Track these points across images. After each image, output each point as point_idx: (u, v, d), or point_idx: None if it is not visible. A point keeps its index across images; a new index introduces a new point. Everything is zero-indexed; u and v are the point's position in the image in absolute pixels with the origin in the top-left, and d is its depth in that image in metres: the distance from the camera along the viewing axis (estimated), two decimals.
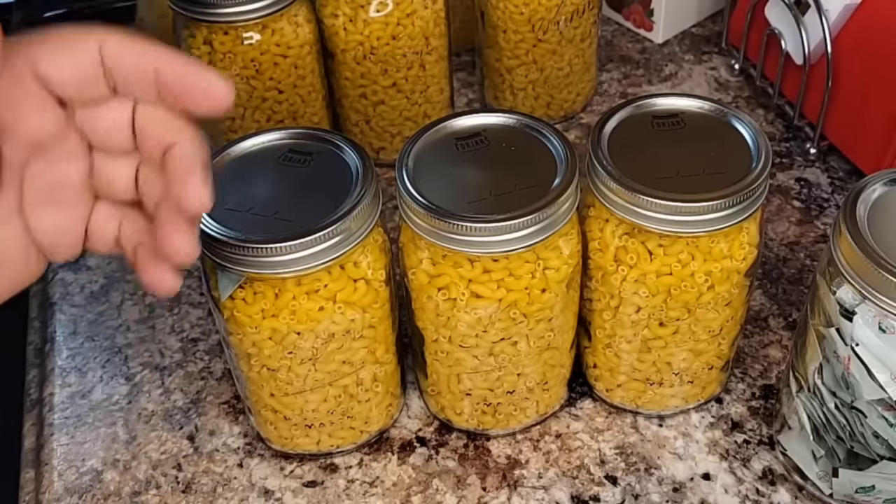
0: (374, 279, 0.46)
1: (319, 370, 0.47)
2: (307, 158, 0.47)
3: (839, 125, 0.67)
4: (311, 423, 0.50)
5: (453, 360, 0.49)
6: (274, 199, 0.45)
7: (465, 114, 0.48)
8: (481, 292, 0.45)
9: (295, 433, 0.50)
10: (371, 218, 0.44)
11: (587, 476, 0.51)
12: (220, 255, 0.43)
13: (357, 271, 0.45)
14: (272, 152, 0.47)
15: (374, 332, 0.47)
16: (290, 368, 0.47)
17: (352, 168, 0.45)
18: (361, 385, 0.49)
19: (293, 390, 0.48)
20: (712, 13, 0.84)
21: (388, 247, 0.47)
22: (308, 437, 0.51)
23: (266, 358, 0.46)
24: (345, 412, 0.50)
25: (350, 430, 0.51)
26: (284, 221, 0.43)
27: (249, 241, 0.42)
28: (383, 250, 0.47)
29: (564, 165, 0.45)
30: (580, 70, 0.72)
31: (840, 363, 0.43)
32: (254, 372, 0.47)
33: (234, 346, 0.47)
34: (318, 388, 0.48)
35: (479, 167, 0.46)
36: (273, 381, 0.47)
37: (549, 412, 0.53)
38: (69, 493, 0.51)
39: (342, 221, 0.43)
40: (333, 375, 0.48)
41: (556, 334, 0.48)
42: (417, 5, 0.63)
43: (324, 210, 0.43)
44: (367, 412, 0.51)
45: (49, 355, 0.59)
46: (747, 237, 0.46)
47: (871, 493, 0.46)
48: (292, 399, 0.48)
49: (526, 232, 0.43)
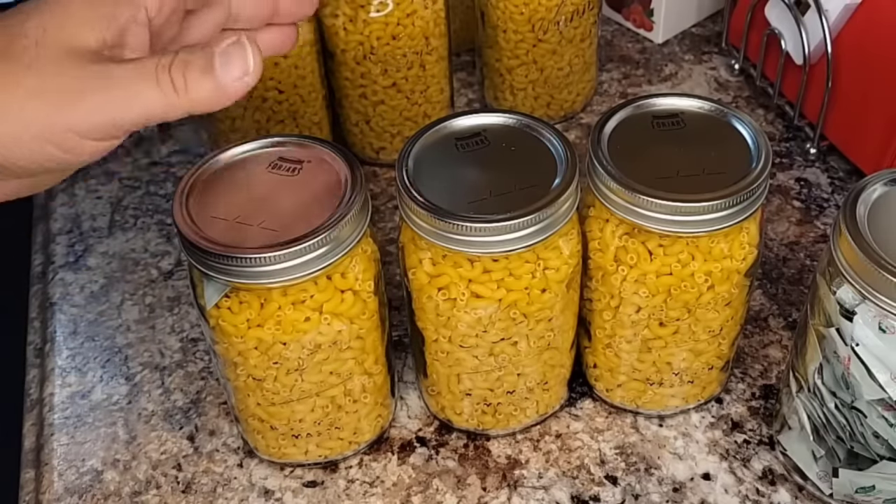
0: (362, 290, 0.45)
1: (306, 380, 0.47)
2: (296, 167, 0.46)
3: (839, 125, 0.67)
4: (299, 433, 0.50)
5: (453, 360, 0.49)
6: (261, 208, 0.44)
7: (465, 114, 0.48)
8: (481, 292, 0.45)
9: (282, 443, 0.50)
10: (359, 228, 0.44)
11: (587, 476, 0.51)
12: (204, 264, 0.43)
13: (344, 282, 0.45)
14: (261, 160, 0.46)
15: (362, 342, 0.47)
16: (276, 378, 0.46)
17: (341, 177, 0.45)
18: (350, 396, 0.49)
19: (279, 400, 0.48)
20: (712, 13, 0.84)
21: (377, 257, 0.47)
22: (296, 448, 0.50)
23: (252, 367, 0.46)
24: (333, 423, 0.50)
25: (339, 441, 0.51)
26: (270, 231, 0.43)
27: (234, 251, 0.42)
28: (372, 260, 0.46)
29: (564, 165, 0.45)
30: (580, 70, 0.72)
31: (840, 363, 0.43)
32: (240, 381, 0.47)
33: (220, 355, 0.47)
34: (304, 399, 0.48)
35: (479, 167, 0.46)
36: (259, 390, 0.47)
37: (550, 412, 0.53)
38: (69, 493, 0.51)
39: (329, 231, 0.42)
40: (320, 386, 0.48)
41: (556, 334, 0.48)
42: (417, 5, 0.63)
43: (311, 219, 0.43)
44: (356, 423, 0.51)
45: (49, 355, 0.59)
46: (747, 237, 0.46)
47: (871, 493, 0.46)
48: (279, 409, 0.48)
49: (526, 232, 0.43)
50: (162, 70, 0.37)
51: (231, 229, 0.43)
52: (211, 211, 0.44)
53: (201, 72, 0.37)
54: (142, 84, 0.37)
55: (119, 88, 0.37)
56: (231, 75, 0.38)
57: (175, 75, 0.37)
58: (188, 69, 0.37)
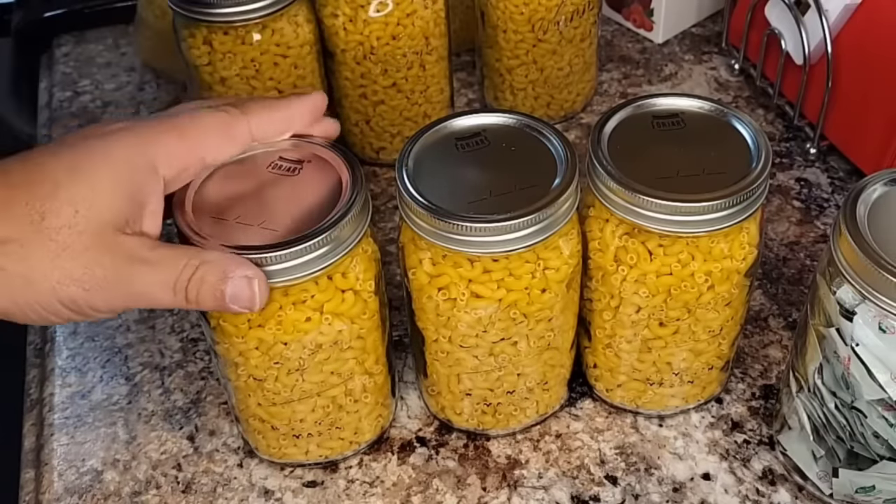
0: (362, 290, 0.45)
1: (307, 380, 0.47)
2: (296, 167, 0.46)
3: (839, 125, 0.67)
4: (299, 433, 0.49)
5: (453, 360, 0.49)
6: (261, 208, 0.44)
7: (464, 114, 0.48)
8: (481, 292, 0.45)
9: (283, 443, 0.50)
10: (360, 228, 0.44)
11: (587, 476, 0.51)
12: None
13: (345, 282, 0.45)
14: (261, 160, 0.46)
15: (363, 342, 0.47)
16: (277, 378, 0.46)
17: (342, 177, 0.45)
18: (350, 396, 0.49)
19: (280, 400, 0.48)
20: (712, 13, 0.84)
21: (377, 256, 0.47)
22: (296, 448, 0.50)
23: (253, 368, 0.46)
24: (333, 422, 0.50)
25: (339, 441, 0.51)
26: (270, 230, 0.43)
27: (234, 251, 0.42)
28: (373, 260, 0.46)
29: (564, 165, 0.45)
30: (580, 70, 0.72)
31: (840, 363, 0.43)
32: (241, 381, 0.47)
33: (221, 355, 0.47)
34: (305, 399, 0.48)
35: (479, 167, 0.46)
36: (260, 390, 0.47)
37: (549, 412, 0.53)
38: (69, 493, 0.51)
39: (330, 231, 0.42)
40: (321, 386, 0.48)
41: (556, 334, 0.48)
42: (417, 5, 0.63)
43: (312, 219, 0.43)
44: (357, 423, 0.51)
45: (49, 355, 0.59)
46: (747, 237, 0.46)
47: (871, 493, 0.46)
48: (280, 409, 0.48)
49: (526, 232, 0.43)
50: (181, 285, 0.41)
51: (231, 229, 0.43)
52: (211, 211, 0.44)
53: (212, 293, 0.41)
54: (161, 289, 0.41)
55: (141, 287, 0.41)
56: (237, 304, 0.42)
57: (190, 290, 0.41)
58: (202, 287, 0.41)
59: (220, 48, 0.60)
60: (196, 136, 0.43)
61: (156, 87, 0.81)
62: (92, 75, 0.82)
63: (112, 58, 0.84)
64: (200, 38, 0.60)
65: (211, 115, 0.44)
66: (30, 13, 0.87)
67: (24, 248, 0.39)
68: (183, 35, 0.61)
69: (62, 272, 0.40)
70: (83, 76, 0.82)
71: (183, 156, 0.43)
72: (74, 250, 0.40)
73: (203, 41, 0.60)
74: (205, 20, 0.59)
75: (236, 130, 0.45)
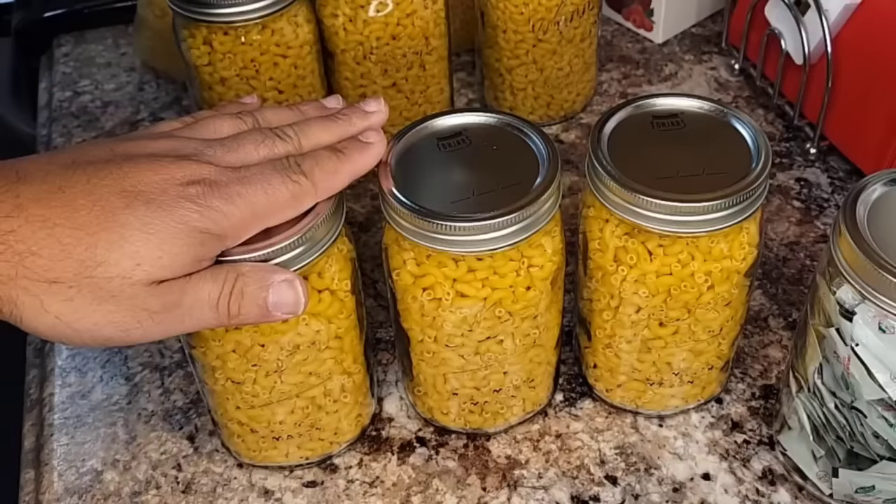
0: (339, 289, 0.45)
1: (285, 382, 0.47)
2: None
3: (839, 125, 0.67)
4: (279, 435, 0.49)
5: (439, 360, 0.49)
6: None
7: (445, 114, 0.48)
8: (466, 291, 0.45)
9: (263, 446, 0.50)
10: (335, 227, 0.44)
11: (587, 476, 0.51)
12: None
13: (321, 282, 0.45)
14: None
15: (340, 342, 0.47)
16: (256, 381, 0.46)
17: None
18: (329, 396, 0.49)
19: (259, 403, 0.47)
20: (712, 13, 0.84)
21: (353, 255, 0.47)
22: (276, 450, 0.50)
23: (230, 371, 0.46)
24: (313, 424, 0.50)
25: (319, 442, 0.51)
26: None
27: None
28: (348, 259, 0.46)
29: (546, 163, 0.45)
30: (580, 70, 0.72)
31: (840, 363, 0.43)
32: (219, 385, 0.47)
33: (198, 360, 0.47)
34: (284, 400, 0.48)
35: (461, 167, 0.46)
36: (238, 393, 0.47)
37: (536, 409, 0.53)
38: (69, 493, 0.51)
39: (305, 232, 0.42)
40: (300, 387, 0.47)
41: (542, 332, 0.48)
42: (417, 5, 0.63)
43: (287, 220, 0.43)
44: (337, 423, 0.50)
45: (49, 355, 0.59)
46: (747, 237, 0.46)
47: (871, 493, 0.46)
48: (259, 412, 0.48)
49: (509, 230, 0.43)
50: (223, 301, 0.41)
51: None
52: None
53: (254, 303, 0.41)
54: (204, 310, 0.41)
55: (184, 314, 0.40)
56: (279, 312, 0.42)
57: (232, 305, 0.41)
58: (244, 300, 0.41)
59: (220, 48, 0.60)
60: (269, 216, 0.42)
61: (156, 87, 0.81)
62: (92, 75, 0.82)
63: (112, 58, 0.84)
64: (200, 38, 0.60)
65: (283, 187, 0.42)
66: (30, 13, 0.87)
67: (70, 290, 0.39)
68: (183, 35, 0.61)
69: (104, 313, 0.39)
70: (83, 76, 0.82)
71: (252, 230, 0.42)
72: (123, 298, 0.39)
73: (203, 41, 0.60)
74: (205, 20, 0.59)
75: (303, 203, 0.43)
